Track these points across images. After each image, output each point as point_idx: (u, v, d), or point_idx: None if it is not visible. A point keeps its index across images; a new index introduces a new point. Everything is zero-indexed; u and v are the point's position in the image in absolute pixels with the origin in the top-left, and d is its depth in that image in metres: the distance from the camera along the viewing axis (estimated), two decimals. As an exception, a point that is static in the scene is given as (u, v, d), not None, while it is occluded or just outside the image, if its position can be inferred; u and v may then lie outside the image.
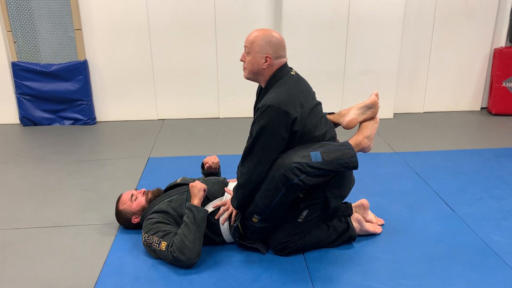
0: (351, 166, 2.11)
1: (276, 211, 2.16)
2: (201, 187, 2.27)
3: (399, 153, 3.67)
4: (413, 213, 2.71)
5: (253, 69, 2.17)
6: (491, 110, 4.74)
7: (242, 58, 2.22)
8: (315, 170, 2.03)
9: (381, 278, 2.11)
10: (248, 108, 4.59)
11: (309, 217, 2.21)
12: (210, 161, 2.68)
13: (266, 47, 2.12)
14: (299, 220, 2.21)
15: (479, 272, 2.16)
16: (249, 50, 2.15)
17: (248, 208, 2.19)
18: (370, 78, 4.47)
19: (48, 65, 4.22)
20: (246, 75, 2.22)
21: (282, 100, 2.04)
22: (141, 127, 4.35)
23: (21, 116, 4.34)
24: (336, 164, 2.07)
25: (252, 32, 2.18)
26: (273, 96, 2.06)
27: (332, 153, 2.07)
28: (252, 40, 2.14)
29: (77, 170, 3.36)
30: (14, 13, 4.09)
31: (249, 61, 2.17)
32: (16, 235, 2.49)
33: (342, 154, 2.09)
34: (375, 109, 2.30)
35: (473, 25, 4.52)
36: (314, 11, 4.19)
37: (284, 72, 2.18)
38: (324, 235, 2.31)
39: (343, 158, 2.08)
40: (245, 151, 2.13)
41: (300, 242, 2.25)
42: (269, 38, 2.13)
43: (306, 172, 2.02)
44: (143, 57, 4.36)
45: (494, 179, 3.17)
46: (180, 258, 2.10)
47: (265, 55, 2.12)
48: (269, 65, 2.14)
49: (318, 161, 2.03)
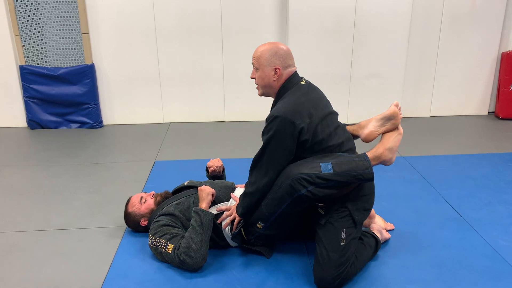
0: (365, 178, 2.02)
1: (281, 220, 2.13)
2: (209, 191, 2.28)
3: (406, 157, 3.66)
4: (420, 218, 2.69)
5: (264, 83, 2.15)
6: (499, 115, 4.71)
7: (252, 76, 2.19)
8: (325, 181, 1.96)
9: (387, 283, 2.10)
10: (253, 112, 4.62)
11: (349, 237, 2.07)
12: (214, 164, 2.68)
13: (273, 59, 2.10)
14: (342, 243, 2.05)
15: (486, 277, 2.14)
16: (257, 65, 2.13)
17: (253, 215, 2.18)
18: (376, 82, 4.46)
19: (55, 68, 4.25)
20: (260, 93, 2.21)
21: (289, 110, 2.01)
22: (147, 131, 4.37)
23: (29, 119, 4.37)
24: (349, 175, 1.99)
25: (257, 47, 2.16)
26: (280, 107, 2.04)
27: (345, 164, 2.00)
28: (258, 55, 2.12)
29: (83, 173, 3.37)
30: (23, 17, 4.13)
31: (259, 76, 2.15)
32: (22, 238, 2.50)
33: (356, 165, 2.01)
34: (395, 120, 2.15)
35: (480, 28, 4.50)
36: (321, 14, 4.20)
37: (294, 82, 2.14)
38: (368, 255, 2.21)
39: (356, 170, 2.00)
40: (253, 161, 2.12)
41: (352, 270, 2.08)
42: (275, 50, 2.11)
43: (314, 183, 1.96)
44: (150, 61, 4.38)
45: (502, 184, 3.14)
46: (187, 261, 2.10)
47: (274, 67, 2.10)
48: (279, 76, 2.12)
49: (329, 172, 1.97)
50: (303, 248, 2.38)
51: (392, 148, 2.12)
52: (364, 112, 4.52)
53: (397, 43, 4.34)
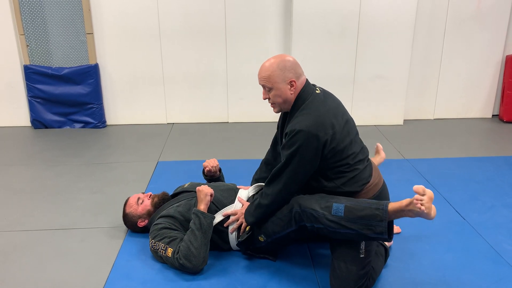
0: (376, 232, 1.85)
1: (283, 240, 2.13)
2: (207, 192, 2.24)
3: (409, 159, 3.64)
4: (424, 221, 2.65)
5: (282, 100, 2.07)
6: (503, 118, 4.69)
7: (265, 97, 2.11)
8: (332, 224, 1.90)
9: (390, 286, 2.09)
10: (257, 113, 4.61)
11: (368, 248, 1.98)
12: (209, 165, 2.66)
13: (285, 74, 2.02)
14: (361, 255, 1.95)
15: (490, 281, 2.12)
16: (270, 85, 2.04)
17: (259, 225, 2.15)
18: (380, 84, 4.45)
19: (59, 68, 4.26)
20: (277, 110, 2.13)
21: (312, 124, 1.96)
22: (150, 131, 4.37)
23: (32, 118, 4.38)
24: (360, 224, 1.86)
25: (262, 66, 2.06)
26: (301, 120, 1.98)
27: (360, 210, 1.88)
28: (268, 75, 2.03)
29: (86, 173, 3.38)
30: (27, 17, 4.14)
31: (275, 95, 2.06)
32: (25, 237, 2.51)
33: (371, 214, 1.86)
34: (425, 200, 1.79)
35: (484, 31, 4.48)
36: (325, 16, 4.19)
37: (308, 91, 2.08)
38: (381, 265, 2.17)
39: (369, 219, 1.86)
40: (274, 173, 2.06)
41: (370, 282, 2.02)
42: (283, 64, 2.03)
43: (322, 223, 1.92)
44: (154, 61, 4.38)
45: (506, 187, 3.13)
46: (186, 265, 2.09)
47: (289, 81, 2.03)
48: (295, 88, 2.05)
49: (339, 215, 1.90)
50: (305, 250, 2.38)
51: (414, 211, 1.82)
52: (368, 114, 4.51)
53: (401, 45, 4.33)
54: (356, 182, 2.08)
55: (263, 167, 2.50)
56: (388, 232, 1.87)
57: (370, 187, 2.11)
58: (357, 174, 2.09)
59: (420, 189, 1.76)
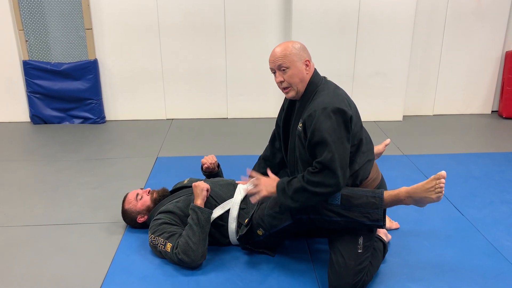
0: (372, 219, 1.88)
1: (280, 234, 2.14)
2: (203, 187, 2.25)
3: (409, 155, 3.65)
4: (422, 216, 2.68)
5: (299, 79, 2.01)
6: (502, 114, 4.69)
7: (279, 79, 2.02)
8: (329, 213, 1.91)
9: (389, 282, 2.10)
10: (256, 109, 4.61)
11: (366, 243, 1.98)
12: (208, 161, 2.67)
13: (301, 53, 2.01)
14: (359, 251, 1.96)
15: (488, 277, 2.13)
16: (288, 64, 1.98)
17: (257, 219, 2.15)
18: (379, 81, 4.44)
19: (58, 64, 4.25)
20: (294, 93, 2.04)
21: (334, 101, 1.91)
22: (150, 127, 4.37)
23: (32, 114, 4.38)
24: (357, 212, 1.88)
25: (275, 49, 2.02)
26: (321, 100, 1.93)
27: (356, 198, 1.90)
28: (285, 53, 1.98)
29: (86, 168, 3.38)
30: (26, 12, 4.13)
31: (291, 75, 2.00)
32: (25, 233, 2.51)
33: (367, 202, 1.89)
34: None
35: (484, 27, 4.48)
36: (324, 12, 4.18)
37: (319, 77, 2.08)
38: (379, 260, 2.16)
39: (365, 207, 1.88)
40: (322, 163, 1.84)
41: (368, 277, 2.02)
42: (297, 45, 2.02)
43: (319, 213, 1.92)
44: (153, 57, 4.37)
45: (505, 183, 3.13)
46: (185, 260, 2.10)
47: (304, 60, 2.02)
48: (310, 69, 2.03)
49: (335, 204, 1.90)
50: (304, 245, 2.38)
51: (414, 197, 1.89)
52: (367, 110, 4.51)
53: (401, 42, 4.32)
54: (357, 176, 2.08)
55: (261, 162, 2.50)
56: None
57: (369, 182, 2.11)
58: (360, 168, 2.07)
59: (445, 174, 1.83)
